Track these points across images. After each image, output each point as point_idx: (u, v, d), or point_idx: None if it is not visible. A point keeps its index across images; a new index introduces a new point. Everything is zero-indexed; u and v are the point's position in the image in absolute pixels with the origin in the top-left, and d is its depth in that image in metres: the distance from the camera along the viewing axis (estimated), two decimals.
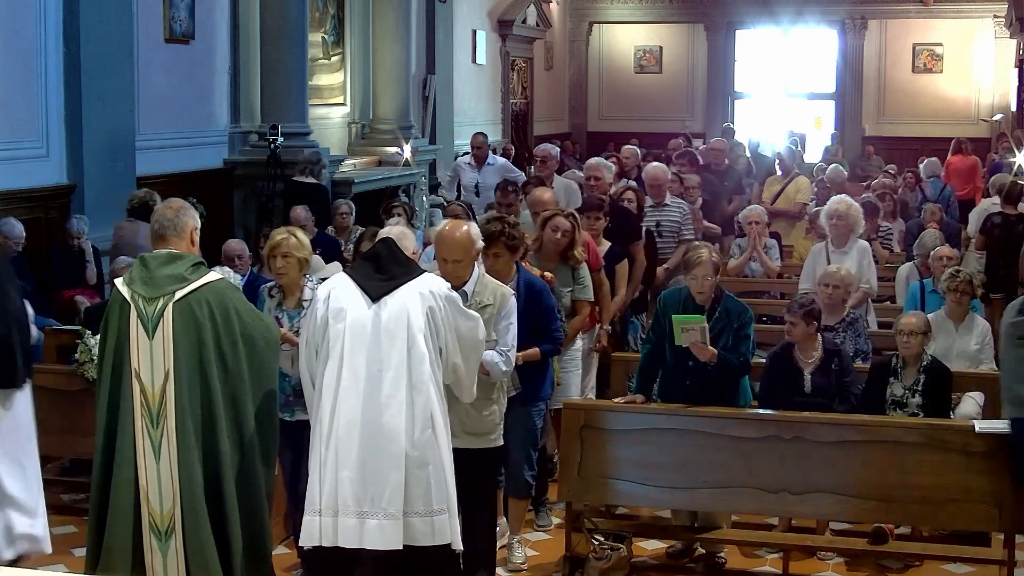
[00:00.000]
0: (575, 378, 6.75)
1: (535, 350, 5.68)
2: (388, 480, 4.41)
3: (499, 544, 5.79)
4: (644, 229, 8.32)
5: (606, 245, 7.44)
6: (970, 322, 7.19)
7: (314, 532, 4.45)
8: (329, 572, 4.54)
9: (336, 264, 8.07)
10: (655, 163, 10.09)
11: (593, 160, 9.30)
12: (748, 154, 14.57)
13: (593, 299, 6.79)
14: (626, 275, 7.56)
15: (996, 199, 10.86)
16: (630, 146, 12.17)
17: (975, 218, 11.11)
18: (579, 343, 6.80)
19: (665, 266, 8.60)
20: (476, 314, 4.85)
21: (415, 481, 4.44)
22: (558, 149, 10.05)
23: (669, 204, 8.98)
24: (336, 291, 4.62)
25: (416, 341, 4.50)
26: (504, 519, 6.04)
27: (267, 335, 4.69)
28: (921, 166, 14.09)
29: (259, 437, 4.61)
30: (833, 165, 11.48)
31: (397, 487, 4.41)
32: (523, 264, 5.97)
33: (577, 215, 6.80)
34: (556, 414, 6.40)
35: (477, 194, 11.17)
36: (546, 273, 6.17)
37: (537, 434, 5.92)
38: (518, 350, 5.40)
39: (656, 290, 8.16)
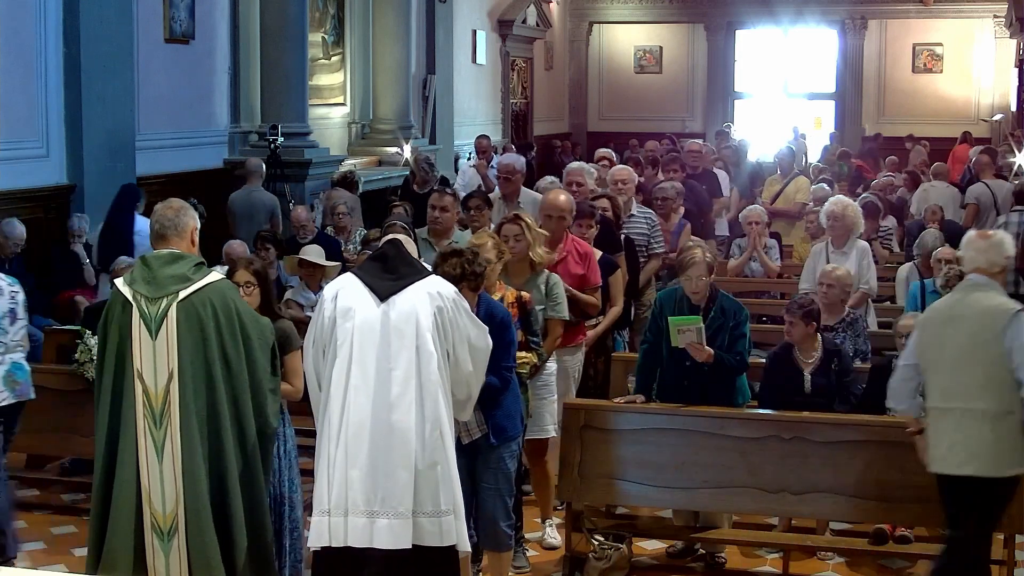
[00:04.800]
0: (550, 407, 6.11)
1: None
2: (398, 479, 4.40)
3: None
4: (625, 237, 7.82)
5: (597, 255, 6.89)
6: None
7: (323, 532, 4.44)
8: (337, 572, 4.54)
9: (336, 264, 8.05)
10: (620, 165, 9.45)
11: (574, 164, 8.63)
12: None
13: (568, 318, 6.23)
14: (620, 289, 7.05)
15: (935, 182, 12.11)
16: (605, 149, 11.92)
17: (917, 198, 11.90)
18: (552, 366, 6.19)
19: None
20: (483, 324, 4.86)
21: (424, 481, 4.43)
22: (523, 161, 8.97)
23: (635, 215, 8.26)
24: (344, 291, 4.62)
25: (425, 340, 4.50)
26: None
27: (267, 335, 4.69)
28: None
29: (260, 436, 4.61)
30: (817, 184, 11.41)
31: (407, 486, 4.40)
32: (498, 283, 5.63)
33: (523, 215, 6.26)
34: (529, 445, 5.98)
35: None
36: (523, 293, 5.70)
37: (512, 479, 5.39)
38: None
39: (639, 303, 7.86)
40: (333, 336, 4.55)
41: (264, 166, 10.98)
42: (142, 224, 8.64)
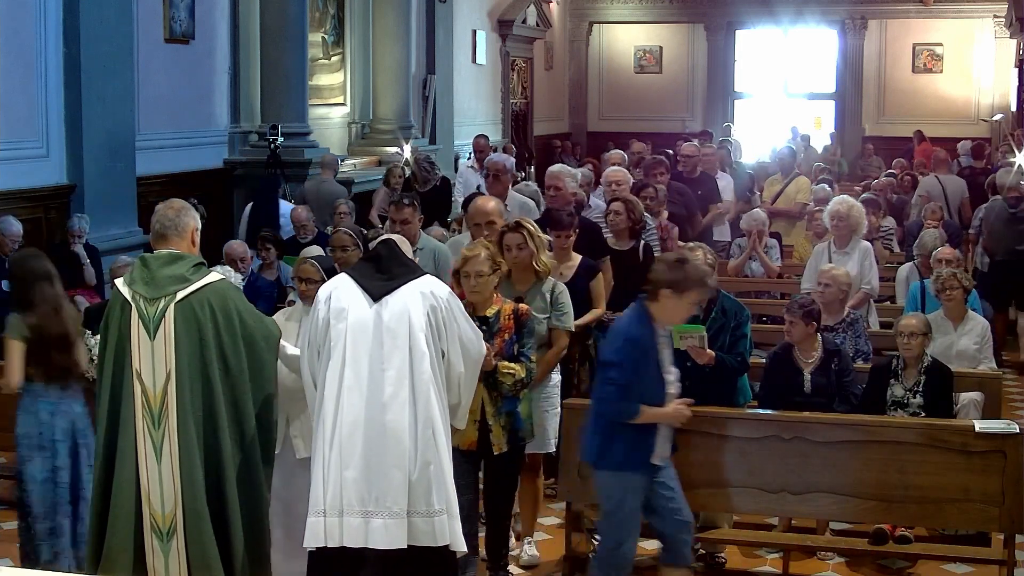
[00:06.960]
0: (553, 420, 5.97)
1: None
2: (392, 479, 4.42)
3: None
4: (644, 244, 7.56)
5: (577, 259, 6.67)
6: (968, 321, 7.19)
7: (319, 533, 4.44)
8: (333, 573, 4.54)
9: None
10: (615, 167, 9.24)
11: (555, 167, 8.05)
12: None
13: (573, 328, 6.08)
14: (602, 293, 6.77)
15: (933, 176, 12.77)
16: (617, 152, 11.76)
17: (920, 193, 12.32)
18: (556, 378, 6.08)
19: None
20: (479, 331, 4.86)
21: (418, 480, 4.45)
22: (512, 160, 8.49)
23: None
24: (337, 292, 4.63)
25: (417, 340, 4.51)
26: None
27: (268, 335, 4.68)
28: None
29: (259, 437, 4.61)
30: (819, 185, 11.37)
31: (401, 486, 4.41)
32: (494, 295, 5.47)
33: (525, 222, 6.03)
34: (531, 459, 5.89)
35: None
36: (521, 306, 5.53)
37: None
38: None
39: None
40: (327, 337, 4.55)
41: (339, 160, 11.79)
42: (285, 207, 10.47)
